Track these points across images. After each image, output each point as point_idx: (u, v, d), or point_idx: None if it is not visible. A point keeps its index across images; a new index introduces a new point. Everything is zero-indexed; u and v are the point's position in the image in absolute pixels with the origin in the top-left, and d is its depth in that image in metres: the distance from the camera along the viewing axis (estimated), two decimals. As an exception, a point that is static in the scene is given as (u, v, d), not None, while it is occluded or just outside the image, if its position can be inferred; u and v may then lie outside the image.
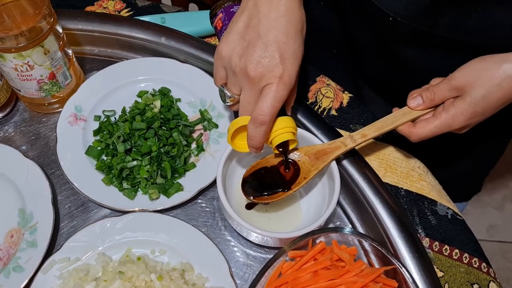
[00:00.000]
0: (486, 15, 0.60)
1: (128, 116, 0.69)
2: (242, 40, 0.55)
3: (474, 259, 0.67)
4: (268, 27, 0.54)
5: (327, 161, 0.62)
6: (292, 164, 0.62)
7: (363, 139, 0.63)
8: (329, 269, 0.56)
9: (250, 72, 0.54)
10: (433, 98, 0.60)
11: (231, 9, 0.68)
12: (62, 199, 0.68)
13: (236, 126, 0.57)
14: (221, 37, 0.69)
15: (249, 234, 0.61)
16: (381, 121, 0.63)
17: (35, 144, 0.73)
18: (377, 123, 0.63)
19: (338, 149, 0.62)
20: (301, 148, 0.63)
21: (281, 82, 0.54)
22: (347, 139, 0.63)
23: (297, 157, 0.63)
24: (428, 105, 0.61)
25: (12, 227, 0.64)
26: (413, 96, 0.62)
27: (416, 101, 0.61)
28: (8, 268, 0.61)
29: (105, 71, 0.75)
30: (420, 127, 0.60)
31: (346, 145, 0.63)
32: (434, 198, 0.70)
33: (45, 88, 0.69)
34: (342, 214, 0.69)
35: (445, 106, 0.59)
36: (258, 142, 0.57)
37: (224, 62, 0.57)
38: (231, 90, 0.58)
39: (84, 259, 0.61)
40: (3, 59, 0.63)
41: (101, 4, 0.87)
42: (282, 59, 0.54)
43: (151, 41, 0.78)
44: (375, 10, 0.66)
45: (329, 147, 0.63)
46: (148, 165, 0.66)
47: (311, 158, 0.62)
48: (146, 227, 0.63)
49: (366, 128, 0.64)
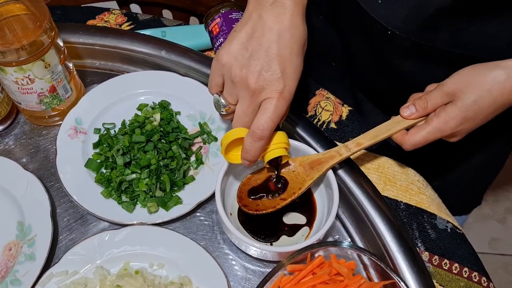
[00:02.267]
0: (484, 29, 0.60)
1: (128, 129, 0.69)
2: (245, 51, 0.55)
3: (474, 273, 0.66)
4: (272, 41, 0.54)
5: (322, 170, 0.62)
6: (292, 174, 0.62)
7: (358, 148, 0.63)
8: (327, 284, 0.56)
9: (250, 84, 0.54)
10: (426, 106, 0.60)
11: (229, 15, 0.68)
12: (61, 212, 0.68)
13: (231, 139, 0.57)
14: (216, 42, 0.69)
15: (248, 248, 0.61)
16: (375, 129, 0.63)
17: (35, 157, 0.73)
18: (372, 131, 0.64)
19: (333, 159, 0.63)
20: (295, 159, 0.63)
21: (281, 97, 0.54)
22: (341, 148, 0.63)
23: (292, 168, 0.63)
24: (421, 113, 0.61)
25: (10, 239, 0.64)
26: (406, 106, 0.62)
27: (409, 110, 0.61)
28: (5, 281, 0.61)
29: (106, 84, 0.76)
30: (412, 134, 0.60)
31: (341, 154, 0.63)
32: (433, 211, 0.70)
33: (46, 101, 0.69)
34: (341, 228, 0.68)
35: (436, 112, 0.60)
36: (253, 156, 0.57)
37: (223, 70, 0.57)
38: (227, 99, 0.58)
39: (82, 272, 0.61)
40: (4, 73, 0.63)
41: (102, 18, 0.88)
42: (283, 74, 0.54)
43: (152, 55, 0.79)
44: (373, 23, 0.67)
45: (324, 156, 0.63)
46: (147, 178, 0.66)
47: (305, 168, 0.62)
48: (145, 241, 0.63)
49: (361, 137, 0.64)
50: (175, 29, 0.85)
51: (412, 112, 0.61)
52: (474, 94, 0.56)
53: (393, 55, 0.70)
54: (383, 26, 0.65)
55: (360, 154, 0.73)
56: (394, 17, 0.65)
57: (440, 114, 0.59)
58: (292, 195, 0.62)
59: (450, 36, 0.63)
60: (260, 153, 0.57)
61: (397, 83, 0.73)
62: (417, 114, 0.61)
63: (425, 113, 0.61)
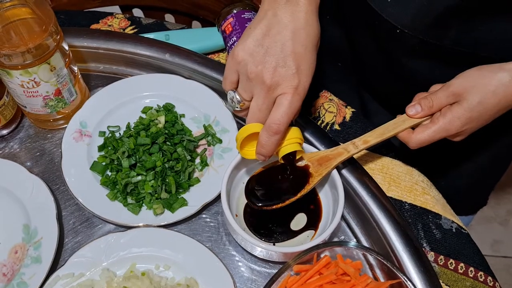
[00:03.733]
0: (491, 28, 0.61)
1: (133, 132, 0.70)
2: (260, 47, 0.56)
3: (480, 273, 0.66)
4: (287, 38, 0.56)
5: (330, 167, 0.63)
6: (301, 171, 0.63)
7: (365, 145, 0.64)
8: (334, 284, 0.56)
9: (266, 80, 0.55)
10: (432, 105, 0.61)
11: (242, 15, 0.69)
12: (67, 214, 0.68)
13: (246, 134, 0.58)
14: (229, 41, 0.70)
15: (254, 249, 0.61)
16: (382, 127, 0.65)
17: (40, 160, 0.73)
18: (379, 129, 0.65)
19: (340, 155, 0.64)
20: (304, 155, 0.64)
21: (296, 92, 0.55)
22: (349, 146, 0.65)
23: (301, 164, 0.63)
24: (426, 112, 0.62)
25: (16, 242, 0.64)
26: (411, 104, 0.63)
27: (415, 109, 0.62)
28: (12, 284, 0.61)
29: (110, 87, 0.76)
30: (418, 132, 0.62)
31: (349, 151, 0.64)
32: (438, 211, 0.70)
33: (51, 105, 0.70)
34: (347, 228, 0.69)
35: (442, 112, 0.61)
36: (269, 151, 0.58)
37: (238, 67, 0.57)
38: (242, 95, 0.59)
39: (88, 274, 0.61)
40: (10, 76, 0.64)
41: (106, 22, 0.88)
42: (298, 71, 0.55)
43: (156, 58, 0.79)
44: (382, 22, 0.67)
45: (332, 153, 0.64)
46: (153, 180, 0.66)
47: (314, 164, 0.63)
48: (151, 242, 0.63)
49: (368, 135, 0.65)
50: (178, 32, 0.85)
51: (417, 111, 0.62)
52: (479, 95, 0.58)
53: (401, 54, 0.70)
54: (392, 24, 0.66)
55: (364, 155, 0.74)
56: (403, 16, 0.66)
57: (446, 114, 0.60)
58: (302, 192, 0.62)
59: (459, 35, 0.64)
60: (275, 147, 0.58)
61: (404, 83, 0.74)
62: (423, 113, 0.62)
63: (430, 113, 0.62)
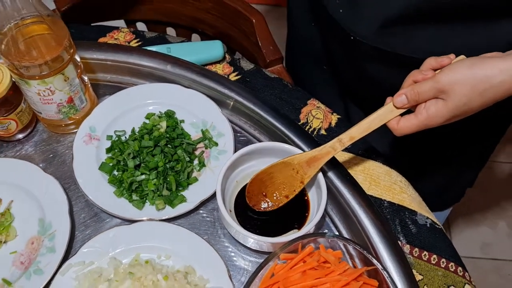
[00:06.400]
0: (434, 35, 0.67)
1: (137, 135, 0.77)
2: None
3: (451, 264, 0.73)
4: None
5: (319, 166, 0.68)
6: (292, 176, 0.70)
7: (351, 141, 0.67)
8: (316, 269, 0.63)
9: None
10: (418, 99, 0.62)
11: None
12: (77, 210, 0.75)
13: None
14: None
15: (246, 240, 0.68)
16: (367, 121, 0.65)
17: (53, 161, 0.80)
18: (364, 124, 0.65)
19: (328, 154, 0.68)
20: (294, 157, 0.69)
21: None
22: (335, 143, 0.67)
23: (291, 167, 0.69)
24: (412, 104, 0.62)
25: (32, 235, 0.71)
26: (399, 93, 0.63)
27: (401, 100, 0.62)
28: (29, 271, 0.67)
29: (117, 95, 0.83)
30: (402, 125, 0.63)
31: (335, 149, 0.67)
32: (414, 208, 0.77)
33: (64, 111, 0.77)
34: (330, 223, 0.75)
35: (426, 106, 0.61)
36: None
37: None
38: None
39: (97, 263, 0.68)
40: (28, 85, 0.71)
41: (112, 36, 0.96)
42: None
43: (158, 69, 0.86)
44: (341, 29, 0.74)
45: (320, 153, 0.68)
46: (155, 179, 0.73)
47: (303, 166, 0.68)
48: (153, 235, 0.70)
49: (354, 130, 0.66)
50: (179, 45, 0.93)
51: (404, 103, 0.62)
52: (466, 97, 0.58)
53: (361, 59, 0.76)
54: (346, 31, 0.72)
55: (347, 157, 0.81)
56: (354, 24, 0.71)
57: (429, 109, 0.61)
58: (293, 192, 0.69)
59: (404, 42, 0.69)
60: None
61: (373, 87, 0.80)
62: (408, 105, 0.63)
63: (415, 104, 0.62)
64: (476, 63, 0.58)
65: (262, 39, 0.99)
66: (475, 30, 0.70)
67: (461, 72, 0.58)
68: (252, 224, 0.71)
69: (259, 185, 0.70)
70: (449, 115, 0.60)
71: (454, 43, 0.64)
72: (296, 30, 0.98)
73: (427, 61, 0.63)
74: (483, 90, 0.57)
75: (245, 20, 1.00)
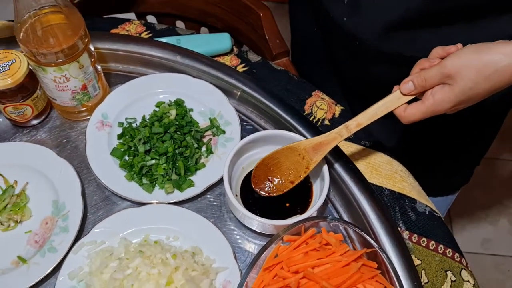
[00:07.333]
0: (434, 36, 0.70)
1: (148, 122, 0.80)
2: None
3: (448, 250, 0.76)
4: None
5: (325, 152, 0.69)
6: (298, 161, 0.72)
7: (358, 128, 0.67)
8: (318, 251, 0.66)
9: None
10: (425, 85, 0.62)
11: None
12: (89, 193, 0.78)
13: None
14: None
15: (251, 223, 0.71)
16: (374, 108, 0.66)
17: (66, 147, 0.83)
18: (370, 110, 0.66)
19: (334, 140, 0.69)
20: (300, 143, 0.71)
21: None
22: (342, 130, 0.69)
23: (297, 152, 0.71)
24: (419, 90, 0.63)
25: (46, 215, 0.74)
26: (406, 80, 0.64)
27: (408, 87, 0.63)
28: (43, 249, 0.71)
29: (128, 84, 0.86)
30: (409, 112, 0.64)
31: (342, 135, 0.69)
32: (414, 197, 0.80)
33: (78, 98, 0.80)
34: (332, 209, 0.78)
35: (433, 91, 0.62)
36: None
37: None
38: None
39: (108, 242, 0.71)
40: (44, 72, 0.74)
41: (124, 27, 0.99)
42: None
43: (168, 59, 0.89)
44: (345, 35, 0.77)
45: (326, 139, 0.69)
46: (165, 163, 0.76)
47: (309, 151, 0.70)
48: (162, 217, 0.73)
49: (360, 117, 0.67)
50: (188, 37, 0.96)
51: (411, 89, 0.63)
52: (472, 81, 0.58)
53: (366, 61, 0.79)
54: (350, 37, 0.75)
55: (350, 147, 0.83)
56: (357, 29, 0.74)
57: (436, 94, 0.61)
58: (299, 178, 0.71)
59: (406, 43, 0.72)
60: None
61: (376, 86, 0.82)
62: (415, 92, 0.63)
63: (422, 90, 0.63)
64: (481, 48, 0.58)
65: (269, 32, 1.02)
66: (478, 28, 0.72)
67: (466, 57, 0.58)
68: (257, 208, 0.74)
69: (265, 170, 0.73)
70: (455, 99, 0.60)
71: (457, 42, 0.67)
72: (298, 33, 1.01)
73: (435, 50, 0.64)
74: (488, 75, 0.57)
75: (253, 14, 1.03)
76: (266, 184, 0.74)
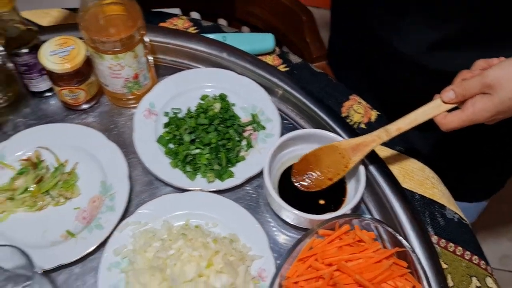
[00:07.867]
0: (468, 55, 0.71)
1: (194, 114, 0.84)
2: None
3: (475, 257, 0.78)
4: None
5: (364, 153, 0.72)
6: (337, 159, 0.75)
7: (398, 132, 0.69)
8: (351, 246, 0.69)
9: None
10: (465, 94, 0.64)
11: None
12: (134, 176, 0.82)
13: None
14: None
15: (288, 215, 0.74)
16: (414, 114, 0.68)
17: (113, 131, 0.87)
18: (411, 116, 0.69)
19: (373, 142, 0.71)
20: (341, 143, 0.74)
21: None
22: (382, 133, 0.71)
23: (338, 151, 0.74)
24: (459, 99, 0.65)
25: (95, 194, 0.79)
26: (447, 89, 0.66)
27: (449, 95, 0.65)
28: (91, 226, 0.75)
29: (175, 76, 0.90)
30: (449, 120, 0.65)
31: (381, 138, 0.71)
32: (444, 203, 0.82)
33: (129, 86, 0.84)
34: (365, 210, 0.81)
35: (473, 101, 0.63)
36: None
37: None
38: None
39: (151, 224, 0.75)
40: (102, 59, 0.79)
41: (171, 22, 1.03)
42: None
43: (214, 55, 0.93)
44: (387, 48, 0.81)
45: (366, 140, 0.72)
46: (208, 153, 0.80)
47: (349, 151, 0.74)
48: (203, 204, 0.77)
49: (400, 121, 0.70)
50: (233, 35, 0.99)
51: (451, 97, 0.65)
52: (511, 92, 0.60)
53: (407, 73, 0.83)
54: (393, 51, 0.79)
55: (385, 152, 0.86)
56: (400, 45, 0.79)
57: (475, 104, 0.63)
58: (337, 176, 0.74)
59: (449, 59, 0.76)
60: None
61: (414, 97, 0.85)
62: (456, 100, 0.65)
63: (463, 99, 0.65)
64: None
65: (310, 36, 1.05)
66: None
67: (508, 68, 0.60)
68: (293, 201, 0.77)
69: (306, 165, 0.76)
70: (495, 109, 0.62)
71: None
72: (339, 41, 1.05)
73: (477, 62, 0.66)
74: None
75: (296, 17, 1.06)
76: (305, 178, 0.77)
